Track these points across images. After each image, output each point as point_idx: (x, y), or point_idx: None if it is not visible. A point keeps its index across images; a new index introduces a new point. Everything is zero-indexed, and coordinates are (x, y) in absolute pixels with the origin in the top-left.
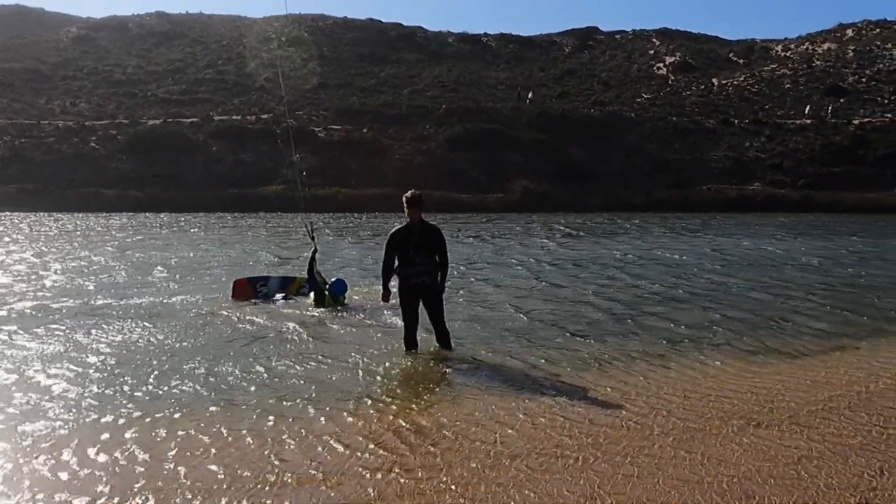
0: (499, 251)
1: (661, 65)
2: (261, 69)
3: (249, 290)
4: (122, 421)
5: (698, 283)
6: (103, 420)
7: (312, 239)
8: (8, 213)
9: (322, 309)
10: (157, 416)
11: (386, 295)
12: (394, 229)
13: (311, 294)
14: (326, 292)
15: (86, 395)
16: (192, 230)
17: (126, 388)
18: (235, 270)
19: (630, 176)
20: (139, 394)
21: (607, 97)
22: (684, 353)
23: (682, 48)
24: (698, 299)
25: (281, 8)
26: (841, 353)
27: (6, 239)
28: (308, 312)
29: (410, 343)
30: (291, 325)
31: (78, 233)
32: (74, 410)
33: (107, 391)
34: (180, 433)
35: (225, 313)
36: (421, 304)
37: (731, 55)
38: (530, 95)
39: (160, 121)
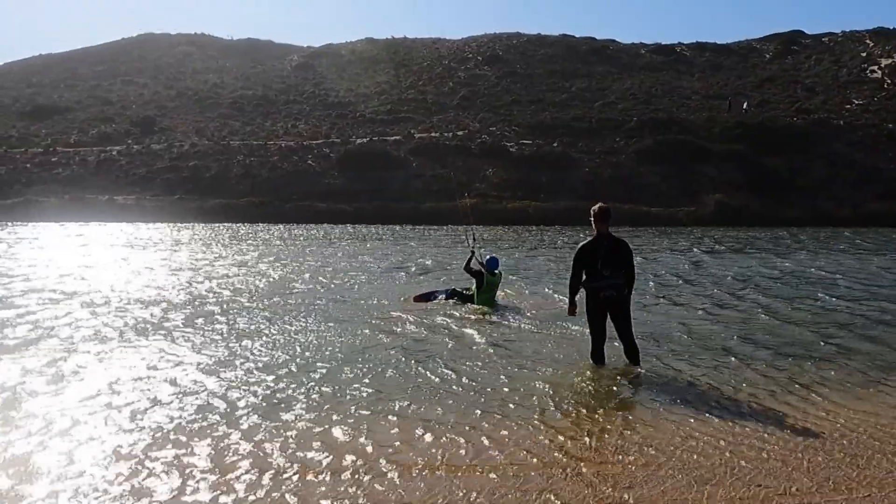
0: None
1: (875, 67)
2: (458, 88)
3: (424, 300)
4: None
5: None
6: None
7: (474, 242)
8: (242, 224)
9: (495, 318)
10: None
11: (572, 309)
12: (581, 243)
13: (473, 287)
14: (484, 269)
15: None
16: (392, 239)
17: (315, 383)
18: (418, 279)
19: (835, 187)
20: (323, 390)
21: (812, 104)
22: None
23: None
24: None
25: (479, 28)
26: None
27: (245, 244)
28: (490, 320)
29: (598, 357)
30: (474, 333)
31: (293, 240)
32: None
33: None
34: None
35: (407, 317)
36: (609, 318)
37: None
38: (745, 105)
39: (367, 139)
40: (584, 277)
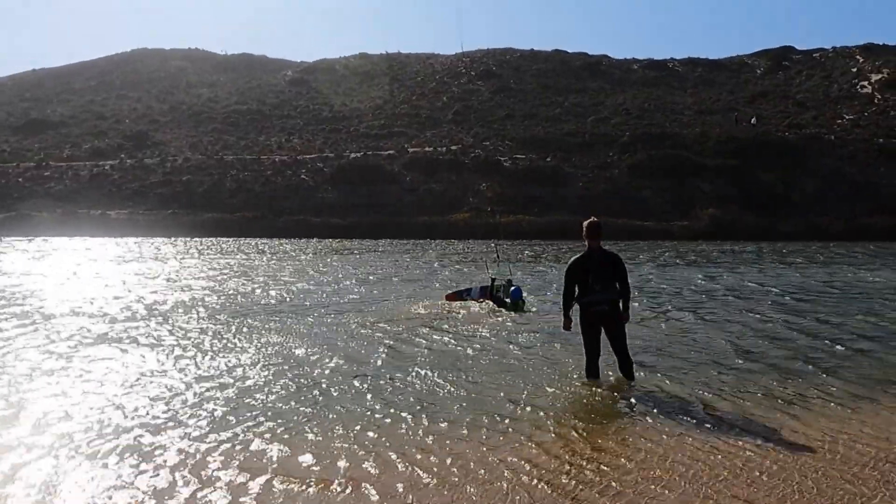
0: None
1: (865, 83)
2: (452, 103)
3: (457, 297)
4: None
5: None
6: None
7: (497, 258)
8: (234, 239)
9: (487, 332)
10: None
11: (567, 323)
12: (573, 258)
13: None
14: (507, 300)
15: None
16: (390, 252)
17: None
18: (419, 286)
19: (828, 202)
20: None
21: (804, 119)
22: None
23: (891, 63)
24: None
25: (472, 44)
26: None
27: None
28: (489, 336)
29: (592, 372)
30: (466, 348)
31: (284, 254)
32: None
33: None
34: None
35: (397, 328)
36: (603, 332)
37: None
38: (753, 120)
39: (361, 154)
40: (576, 292)
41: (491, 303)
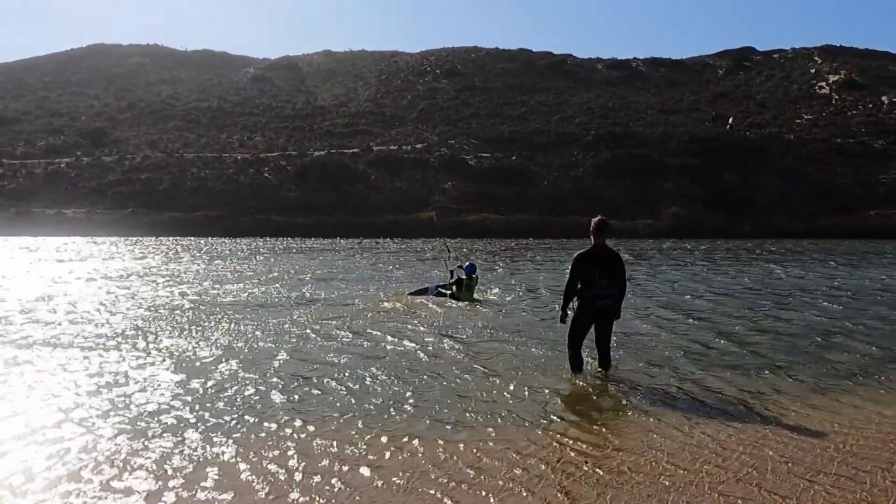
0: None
1: (823, 84)
2: (416, 101)
3: (417, 295)
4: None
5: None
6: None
7: (449, 252)
8: (196, 238)
9: (461, 325)
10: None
11: (564, 316)
12: (578, 252)
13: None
14: (463, 276)
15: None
16: (354, 251)
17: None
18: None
19: (788, 201)
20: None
21: (764, 119)
22: (851, 387)
23: (848, 65)
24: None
25: (437, 42)
26: None
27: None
28: (465, 333)
29: (577, 365)
30: (451, 343)
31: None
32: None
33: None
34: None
35: (380, 326)
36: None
37: None
38: (731, 121)
39: (324, 152)
40: (578, 286)
41: (450, 298)
